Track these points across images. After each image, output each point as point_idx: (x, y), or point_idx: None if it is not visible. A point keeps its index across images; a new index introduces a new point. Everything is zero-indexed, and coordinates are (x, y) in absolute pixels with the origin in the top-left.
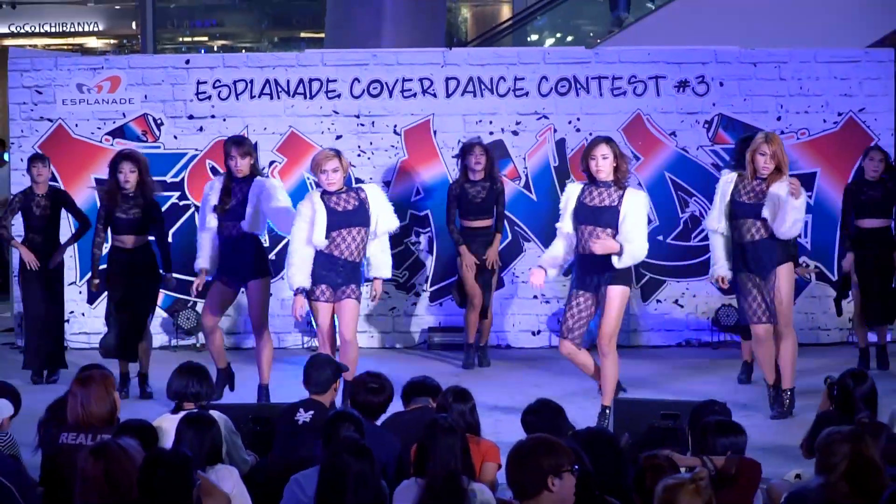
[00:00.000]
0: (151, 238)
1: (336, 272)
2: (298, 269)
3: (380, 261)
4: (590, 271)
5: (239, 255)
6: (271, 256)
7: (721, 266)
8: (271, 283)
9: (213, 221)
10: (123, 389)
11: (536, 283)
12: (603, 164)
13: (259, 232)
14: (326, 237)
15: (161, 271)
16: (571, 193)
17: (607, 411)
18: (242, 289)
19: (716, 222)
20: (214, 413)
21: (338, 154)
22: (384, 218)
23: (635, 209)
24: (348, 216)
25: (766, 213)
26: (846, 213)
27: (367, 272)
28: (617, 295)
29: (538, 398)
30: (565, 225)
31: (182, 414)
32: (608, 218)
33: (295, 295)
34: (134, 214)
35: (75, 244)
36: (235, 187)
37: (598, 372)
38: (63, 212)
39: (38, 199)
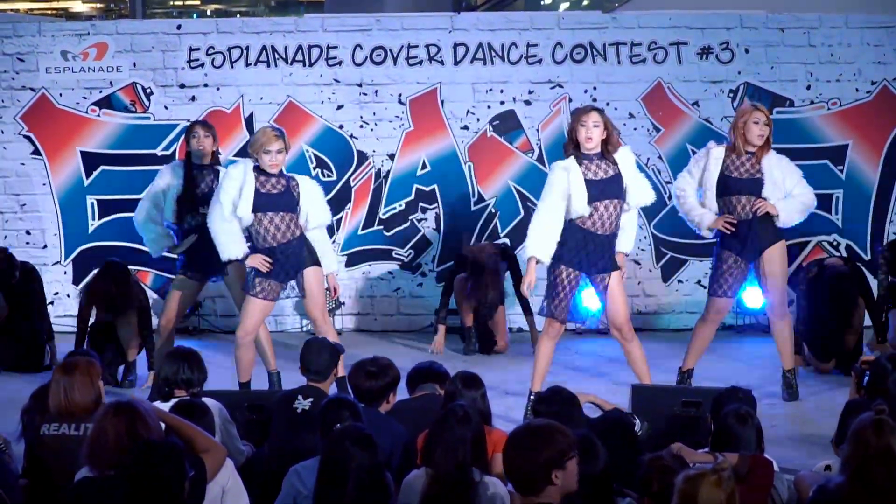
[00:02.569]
0: None
1: (279, 263)
2: (231, 240)
3: (323, 256)
4: (599, 254)
5: (212, 244)
6: None
7: (710, 216)
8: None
9: (171, 214)
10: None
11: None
12: (594, 133)
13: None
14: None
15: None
16: (573, 170)
17: None
18: (213, 279)
19: (690, 186)
20: (208, 401)
21: (282, 135)
22: (315, 211)
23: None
24: (273, 199)
25: (767, 192)
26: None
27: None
28: (619, 280)
29: (550, 386)
30: (559, 207)
31: (173, 402)
32: (616, 189)
33: (243, 261)
34: None
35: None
36: (198, 175)
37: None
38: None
39: None
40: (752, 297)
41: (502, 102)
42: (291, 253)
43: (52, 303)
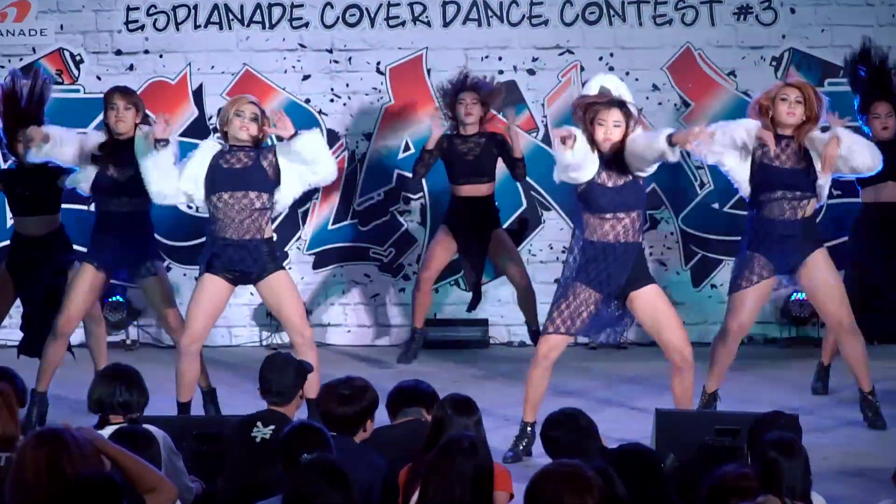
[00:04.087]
0: None
1: (231, 256)
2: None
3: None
4: (606, 268)
5: (130, 236)
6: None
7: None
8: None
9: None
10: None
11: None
12: (613, 133)
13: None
14: (206, 199)
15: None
16: (592, 163)
17: None
18: (125, 281)
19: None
20: (150, 428)
21: (261, 110)
22: (309, 167)
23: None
24: (236, 175)
25: (822, 178)
26: None
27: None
28: (661, 295)
29: (562, 408)
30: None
31: (110, 430)
32: (634, 198)
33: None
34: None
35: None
36: (119, 154)
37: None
38: None
39: None
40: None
41: (501, 72)
42: (249, 254)
43: None
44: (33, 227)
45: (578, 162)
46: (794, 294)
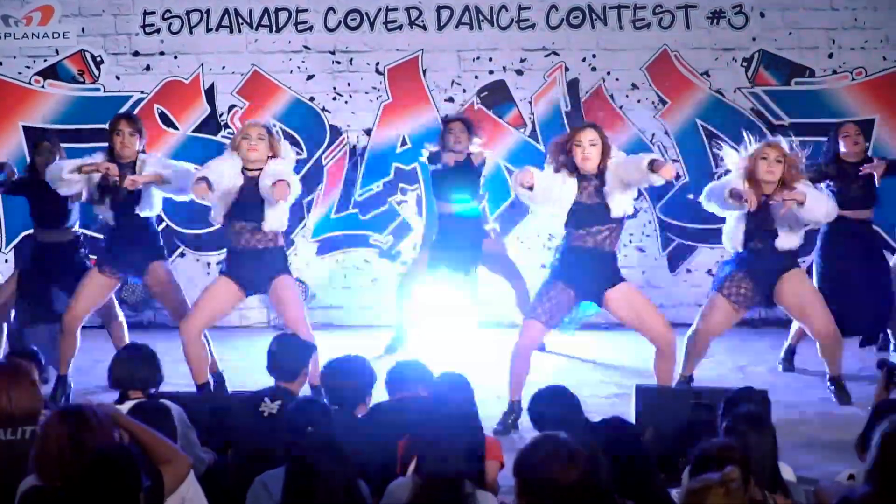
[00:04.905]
0: None
1: (247, 266)
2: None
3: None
4: (581, 270)
5: (136, 243)
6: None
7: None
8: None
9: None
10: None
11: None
12: (590, 152)
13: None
14: (224, 218)
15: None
16: (567, 191)
17: None
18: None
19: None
20: (166, 403)
21: (268, 129)
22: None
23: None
24: (247, 206)
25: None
26: None
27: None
28: (634, 290)
29: (548, 385)
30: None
31: (129, 404)
32: (599, 216)
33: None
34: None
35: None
36: (122, 176)
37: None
38: None
39: None
40: None
41: (491, 72)
42: (261, 261)
43: None
44: (54, 237)
45: (542, 201)
46: None
